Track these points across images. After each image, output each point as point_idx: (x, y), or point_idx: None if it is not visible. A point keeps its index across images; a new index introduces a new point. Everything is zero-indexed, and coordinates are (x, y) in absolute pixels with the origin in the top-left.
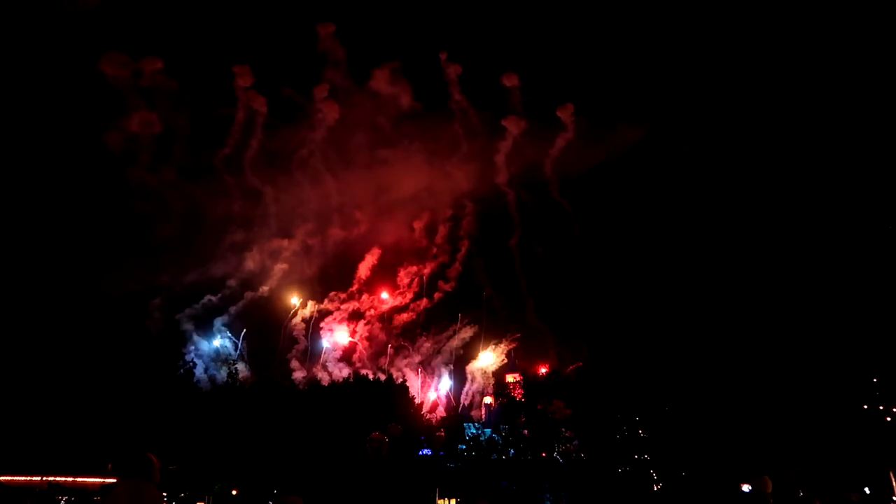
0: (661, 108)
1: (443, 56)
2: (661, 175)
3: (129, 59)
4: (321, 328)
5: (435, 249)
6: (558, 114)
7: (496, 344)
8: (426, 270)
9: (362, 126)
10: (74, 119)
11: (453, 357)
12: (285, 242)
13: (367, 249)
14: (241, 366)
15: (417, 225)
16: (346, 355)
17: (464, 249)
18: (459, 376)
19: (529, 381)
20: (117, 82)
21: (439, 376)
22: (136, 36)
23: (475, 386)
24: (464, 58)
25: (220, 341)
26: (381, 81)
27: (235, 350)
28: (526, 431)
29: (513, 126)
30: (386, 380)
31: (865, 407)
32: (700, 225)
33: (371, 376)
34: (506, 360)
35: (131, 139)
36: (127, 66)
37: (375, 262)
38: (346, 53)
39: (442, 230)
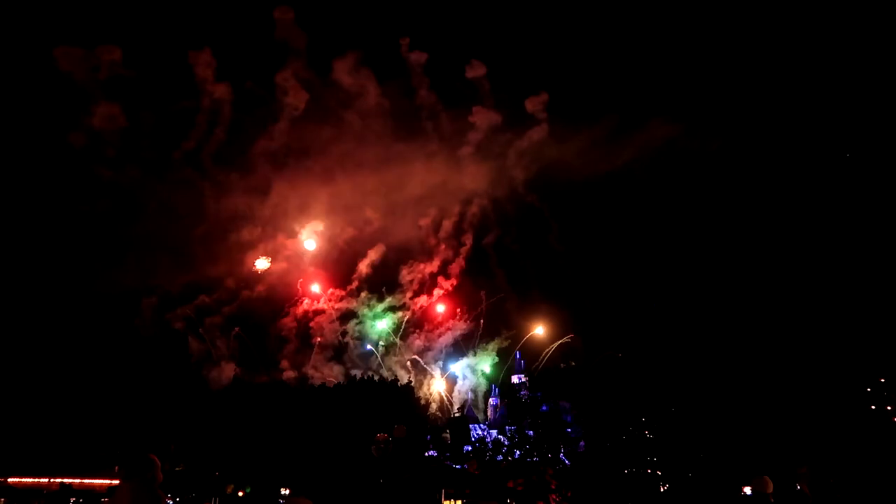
0: (659, 104)
1: (404, 42)
2: (662, 174)
3: (84, 51)
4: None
5: (443, 246)
6: (528, 105)
7: (488, 342)
8: (427, 269)
9: (328, 119)
10: (35, 116)
11: (444, 354)
12: (278, 241)
13: (367, 248)
14: (232, 365)
15: (423, 222)
16: (338, 354)
17: (467, 246)
18: (452, 375)
19: (535, 382)
20: (75, 76)
21: (431, 374)
22: (90, 27)
23: (467, 384)
24: (431, 47)
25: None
26: (342, 72)
27: (228, 350)
28: (532, 433)
29: (482, 119)
30: (392, 380)
31: (873, 407)
32: (703, 225)
33: (361, 376)
34: (498, 360)
35: (95, 135)
36: (83, 60)
37: (377, 259)
38: (307, 41)
39: (446, 226)
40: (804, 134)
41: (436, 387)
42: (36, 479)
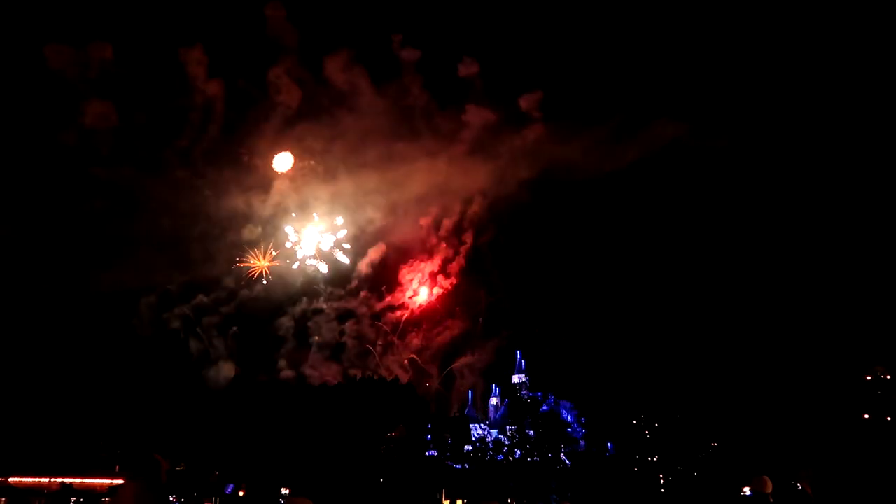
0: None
1: (396, 39)
2: (664, 174)
3: (75, 49)
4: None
5: (444, 245)
6: (522, 104)
7: (485, 341)
8: (427, 268)
9: (323, 118)
10: (27, 115)
11: (441, 353)
12: (278, 240)
13: (367, 247)
14: (231, 365)
15: (424, 222)
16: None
17: (467, 245)
18: (449, 374)
19: (536, 382)
20: (65, 74)
21: (430, 373)
22: (80, 25)
23: (465, 383)
24: (423, 44)
25: None
26: (335, 69)
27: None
28: (532, 433)
29: (476, 117)
30: (392, 380)
31: (872, 410)
32: (705, 226)
33: (360, 375)
34: (494, 359)
35: (88, 134)
36: (74, 58)
37: (378, 258)
38: (299, 38)
39: (446, 225)
40: (807, 133)
41: (435, 386)
42: (36, 479)
